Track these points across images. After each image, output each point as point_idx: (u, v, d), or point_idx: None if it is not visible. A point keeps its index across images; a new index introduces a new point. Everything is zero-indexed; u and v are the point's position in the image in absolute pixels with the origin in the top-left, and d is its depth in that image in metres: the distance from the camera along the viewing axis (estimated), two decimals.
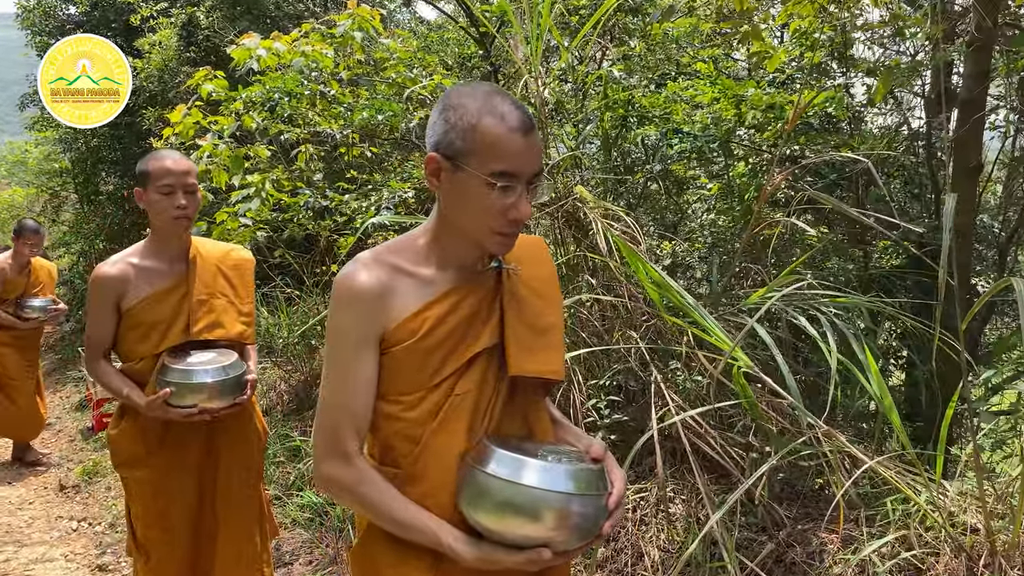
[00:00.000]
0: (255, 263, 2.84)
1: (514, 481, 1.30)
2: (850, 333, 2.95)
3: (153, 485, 2.58)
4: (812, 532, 2.95)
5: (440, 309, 1.42)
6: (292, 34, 5.23)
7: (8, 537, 4.46)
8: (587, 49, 3.96)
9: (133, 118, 10.51)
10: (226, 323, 2.60)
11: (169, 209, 2.46)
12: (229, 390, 2.49)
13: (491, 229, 1.37)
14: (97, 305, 2.53)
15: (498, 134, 1.32)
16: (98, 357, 2.57)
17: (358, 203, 4.00)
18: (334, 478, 1.41)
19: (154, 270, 2.55)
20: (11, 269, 5.45)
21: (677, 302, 2.51)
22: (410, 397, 1.42)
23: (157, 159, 2.48)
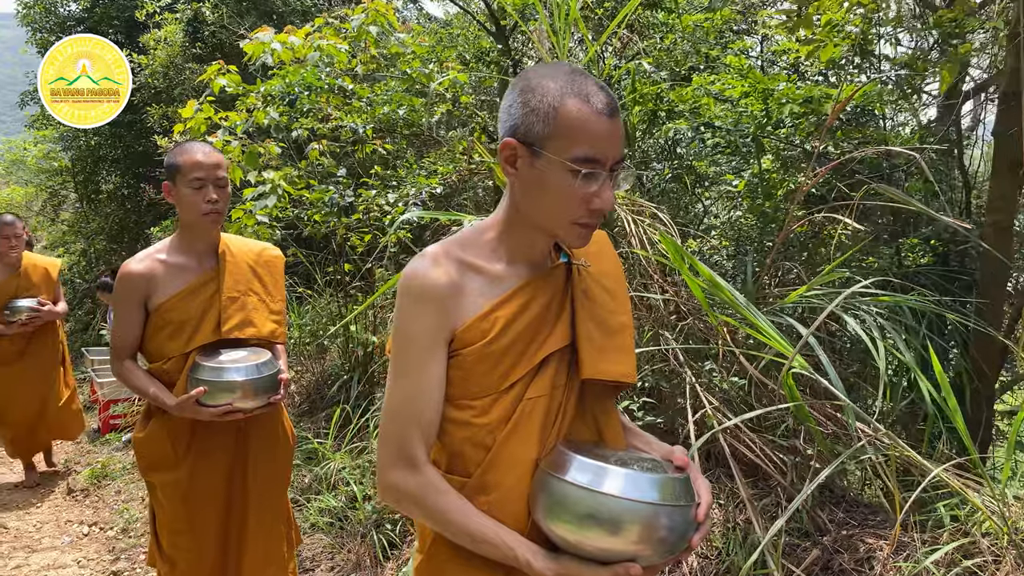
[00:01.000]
0: (284, 261, 2.74)
1: (597, 490, 1.21)
2: (898, 333, 2.87)
3: (182, 489, 2.48)
4: (859, 538, 2.86)
5: (511, 308, 1.34)
6: (305, 28, 5.13)
7: (18, 543, 4.35)
8: (614, 42, 3.86)
9: (135, 116, 10.41)
10: (257, 321, 2.52)
11: (199, 204, 2.37)
12: (263, 389, 2.40)
13: (570, 219, 1.29)
14: (124, 303, 2.43)
15: (582, 117, 1.23)
16: (124, 357, 2.48)
17: (384, 199, 3.90)
18: (401, 487, 1.32)
19: (183, 267, 2.47)
20: None
21: (731, 301, 2.42)
22: (481, 402, 1.34)
23: (187, 152, 2.39)
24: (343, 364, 5.47)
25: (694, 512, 1.27)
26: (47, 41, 11.04)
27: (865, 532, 2.89)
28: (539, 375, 1.35)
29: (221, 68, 5.01)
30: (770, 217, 3.87)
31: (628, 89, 3.87)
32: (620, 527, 1.20)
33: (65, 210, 14.19)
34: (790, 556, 2.85)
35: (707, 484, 1.36)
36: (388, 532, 3.69)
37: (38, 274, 5.03)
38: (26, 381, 5.04)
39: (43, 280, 5.04)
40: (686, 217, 4.72)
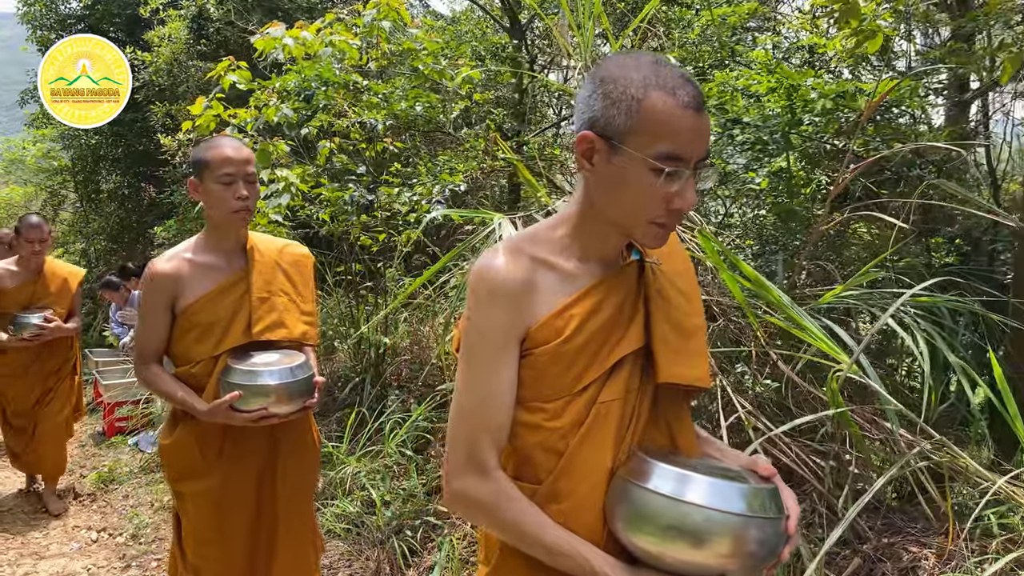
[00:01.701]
0: (313, 261, 2.64)
1: (682, 500, 1.15)
2: (940, 335, 2.78)
3: (213, 497, 2.39)
4: (901, 546, 2.77)
5: (585, 306, 1.28)
6: (316, 24, 5.03)
7: (25, 549, 4.25)
8: (636, 38, 3.77)
9: (137, 114, 10.29)
10: (289, 323, 2.42)
11: (229, 200, 2.28)
12: (298, 393, 2.30)
13: (648, 219, 1.22)
14: (150, 305, 2.34)
15: (668, 111, 1.16)
16: (150, 361, 2.37)
17: (407, 197, 3.80)
18: (471, 495, 1.25)
19: (211, 266, 2.37)
20: (9, 277, 4.47)
21: (777, 302, 2.33)
22: (553, 404, 1.27)
23: (215, 147, 2.30)
24: (354, 366, 5.37)
25: (784, 524, 1.20)
26: (47, 39, 10.93)
27: (907, 540, 2.80)
28: (612, 378, 1.29)
29: (231, 64, 4.91)
30: (799, 215, 3.78)
31: None
32: (707, 539, 1.14)
33: (65, 210, 14.08)
34: (830, 565, 2.77)
35: (793, 495, 1.29)
36: (408, 539, 3.60)
37: (56, 283, 4.61)
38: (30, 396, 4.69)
39: (60, 290, 4.62)
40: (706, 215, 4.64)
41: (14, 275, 4.50)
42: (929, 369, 2.55)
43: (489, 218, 2.82)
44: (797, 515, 1.25)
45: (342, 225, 4.38)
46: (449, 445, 1.28)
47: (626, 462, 1.26)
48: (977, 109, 5.83)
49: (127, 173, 11.85)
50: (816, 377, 3.18)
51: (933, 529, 2.76)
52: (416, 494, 3.87)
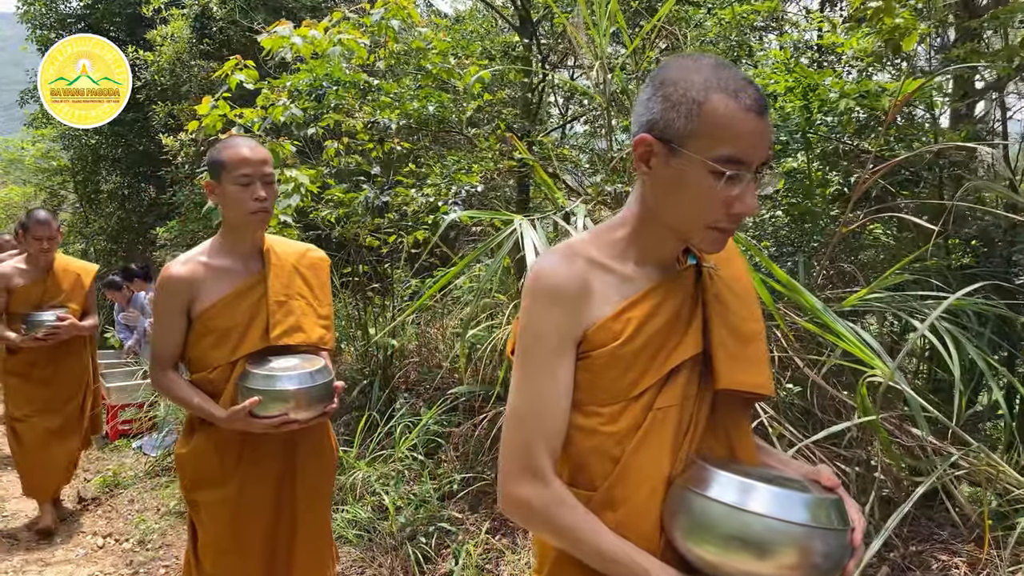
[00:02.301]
0: (329, 263, 2.58)
1: (745, 509, 1.11)
2: (968, 338, 2.73)
3: (230, 506, 2.33)
4: (929, 554, 2.72)
5: (643, 309, 1.25)
6: (323, 23, 4.97)
7: (30, 556, 4.18)
8: (653, 35, 3.71)
9: (138, 114, 10.23)
10: (306, 327, 2.36)
11: (246, 202, 2.22)
12: (318, 398, 2.24)
13: (707, 223, 1.19)
14: (165, 310, 2.28)
15: (730, 113, 1.13)
16: (166, 367, 2.32)
17: (424, 198, 3.74)
18: (526, 501, 1.22)
19: (227, 269, 2.31)
20: (19, 275, 4.25)
21: (810, 306, 2.28)
22: (609, 409, 1.24)
23: (232, 147, 2.24)
24: (362, 368, 5.31)
25: (849, 537, 1.16)
26: (47, 39, 10.88)
27: (935, 548, 2.75)
28: (669, 384, 1.26)
29: (238, 63, 4.85)
30: (816, 216, 3.73)
31: None
32: (770, 550, 1.10)
33: (64, 210, 14.01)
34: None
35: (857, 507, 1.25)
36: (422, 545, 3.54)
37: (68, 280, 4.37)
38: (39, 400, 4.39)
39: (73, 287, 4.37)
40: None
41: (23, 273, 4.28)
42: (959, 374, 2.50)
43: (509, 220, 2.77)
44: (863, 528, 1.21)
45: (354, 227, 4.32)
46: (504, 449, 1.26)
47: (685, 470, 1.24)
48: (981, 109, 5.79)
49: (127, 173, 11.80)
50: (839, 381, 3.14)
51: (962, 536, 2.71)
52: (429, 499, 3.81)
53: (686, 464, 1.24)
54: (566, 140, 6.68)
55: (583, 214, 3.03)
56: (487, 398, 3.98)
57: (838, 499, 1.19)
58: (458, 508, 3.80)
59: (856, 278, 3.49)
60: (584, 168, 4.32)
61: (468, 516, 3.75)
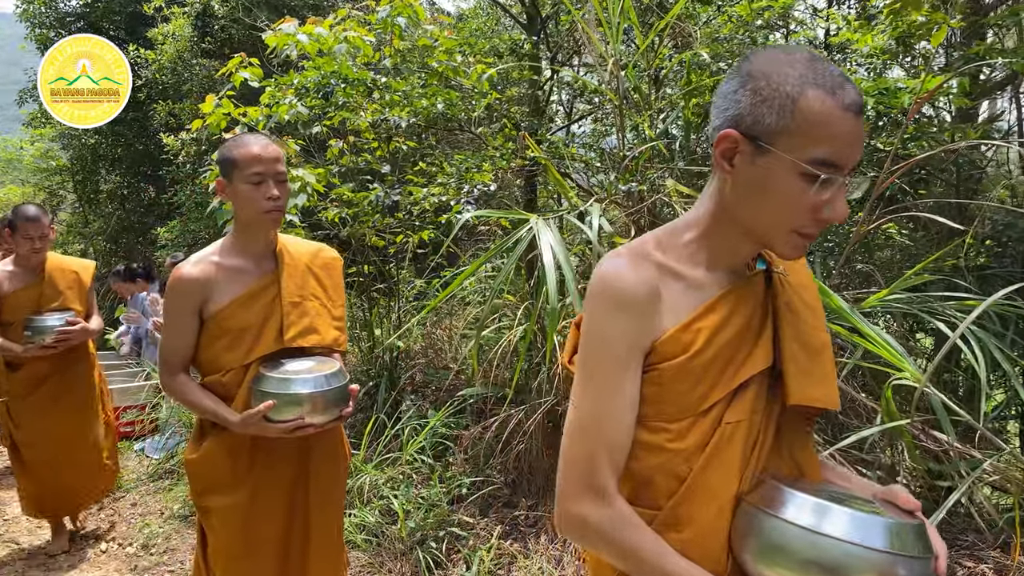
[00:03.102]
0: (342, 263, 2.54)
1: (823, 533, 1.04)
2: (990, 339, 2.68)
3: (243, 512, 2.28)
4: (954, 560, 2.67)
5: (714, 319, 1.19)
6: (328, 20, 4.91)
7: (32, 561, 4.12)
8: (665, 33, 3.66)
9: (138, 113, 10.16)
10: (321, 328, 2.32)
11: (259, 201, 2.17)
12: (333, 402, 2.19)
13: (792, 227, 1.12)
14: (176, 311, 2.23)
15: (827, 111, 1.05)
16: (177, 371, 2.26)
17: (436, 197, 3.68)
18: (588, 520, 1.15)
19: (240, 270, 2.26)
20: (8, 280, 3.82)
21: (838, 308, 2.22)
22: (677, 425, 1.18)
23: (243, 145, 2.19)
24: (367, 370, 5.25)
25: (933, 565, 1.09)
26: (46, 37, 10.81)
27: (960, 554, 2.70)
28: (738, 398, 1.19)
29: (243, 61, 4.79)
30: None
31: (683, 81, 3.68)
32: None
33: (63, 210, 13.93)
34: None
35: (936, 532, 1.17)
36: (432, 550, 3.48)
37: (66, 280, 3.97)
38: (51, 417, 3.98)
39: (72, 287, 3.98)
40: None
41: (13, 277, 3.85)
42: (986, 377, 2.45)
43: (523, 219, 2.71)
44: (946, 555, 1.14)
45: (363, 227, 4.26)
46: (564, 465, 1.19)
47: (755, 488, 1.17)
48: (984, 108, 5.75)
49: (127, 173, 11.74)
50: (858, 384, 3.08)
51: (988, 542, 2.66)
52: (438, 503, 3.76)
53: (755, 482, 1.19)
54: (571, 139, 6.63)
55: (598, 213, 2.98)
56: (499, 400, 3.92)
57: (920, 524, 1.11)
58: (468, 512, 3.75)
59: (872, 279, 3.44)
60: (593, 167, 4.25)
61: (479, 520, 3.70)
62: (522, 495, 3.87)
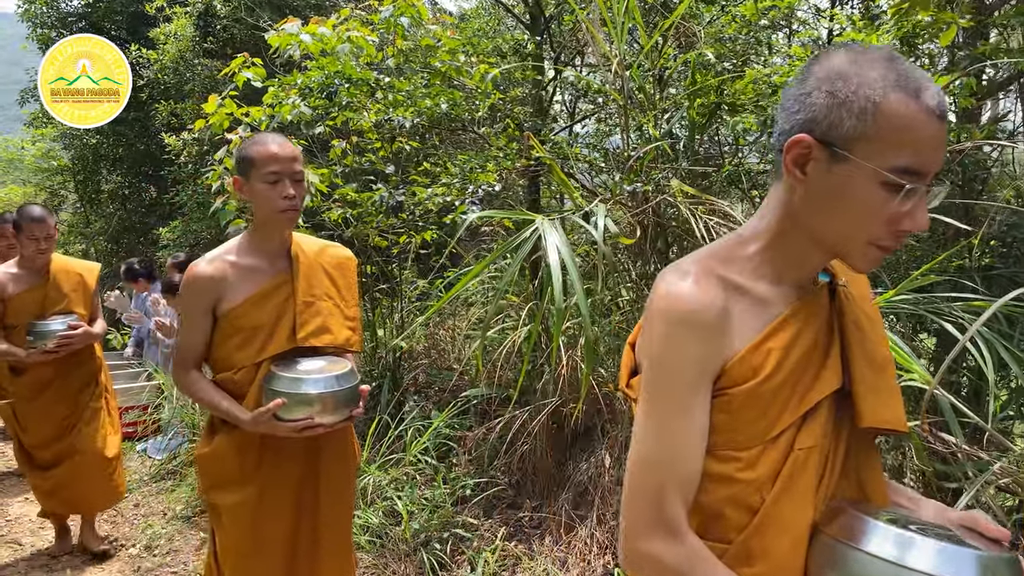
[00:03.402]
0: (356, 263, 2.55)
1: (909, 567, 0.99)
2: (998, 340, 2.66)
3: (250, 509, 2.29)
4: None
5: (783, 339, 1.11)
6: (332, 20, 4.90)
7: (35, 562, 4.11)
8: (670, 33, 3.65)
9: (139, 113, 10.16)
10: (333, 328, 2.33)
11: (275, 200, 2.19)
12: (343, 402, 2.20)
13: (870, 239, 1.06)
14: (191, 309, 2.26)
15: (911, 115, 0.99)
16: (190, 367, 2.30)
17: (440, 197, 3.68)
18: (659, 559, 1.08)
19: (254, 268, 2.28)
20: (12, 282, 3.72)
21: None
22: (747, 453, 1.11)
23: (260, 144, 2.20)
24: (370, 370, 5.24)
25: None
26: (48, 37, 10.81)
27: None
28: (808, 422, 1.13)
29: (246, 61, 4.78)
30: None
31: (688, 81, 3.67)
32: None
33: (64, 210, 13.92)
34: None
35: None
36: (436, 552, 3.47)
37: (71, 282, 3.87)
38: (56, 420, 3.90)
39: (77, 290, 3.88)
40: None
41: (17, 279, 3.75)
42: (994, 379, 2.43)
43: (528, 220, 2.70)
44: None
45: (367, 228, 4.26)
46: (630, 500, 1.11)
47: (832, 518, 1.11)
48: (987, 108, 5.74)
49: (128, 173, 11.73)
50: None
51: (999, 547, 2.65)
52: (442, 504, 3.75)
53: (831, 511, 1.12)
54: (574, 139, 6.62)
55: (603, 214, 2.97)
56: (503, 401, 3.91)
57: (1013, 558, 1.03)
58: (472, 514, 3.74)
59: (877, 279, 3.42)
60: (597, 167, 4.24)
61: (483, 522, 3.69)
62: (526, 496, 3.86)
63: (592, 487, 3.53)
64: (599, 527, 3.38)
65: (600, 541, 3.33)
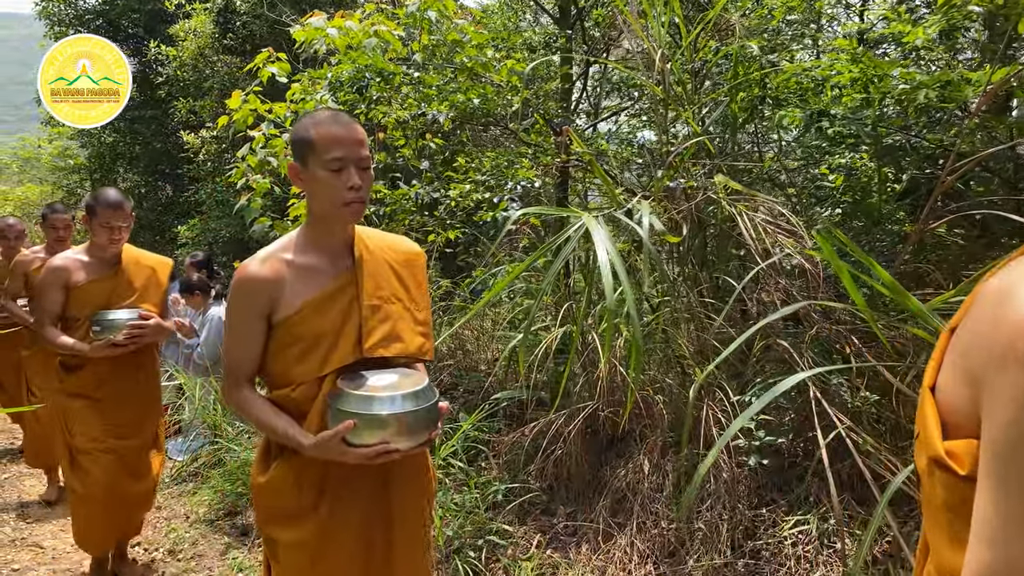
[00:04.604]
0: (425, 259, 2.26)
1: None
2: None
3: (310, 549, 1.99)
4: None
5: None
6: (357, 15, 4.82)
7: (57, 565, 4.03)
8: (710, 25, 3.54)
9: (157, 111, 10.12)
10: (404, 335, 2.01)
11: (339, 190, 1.86)
12: (422, 423, 1.87)
13: None
14: (242, 315, 1.95)
15: None
16: (241, 383, 1.99)
17: (478, 194, 3.57)
18: None
19: (314, 268, 1.97)
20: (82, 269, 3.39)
21: (915, 309, 2.09)
22: None
23: (322, 124, 1.87)
24: None
25: None
26: (65, 35, 10.78)
27: None
28: None
29: (270, 56, 4.70)
30: (877, 215, 3.55)
31: (729, 74, 3.55)
32: None
33: (81, 209, 13.90)
34: None
35: None
36: (471, 559, 3.36)
37: (142, 276, 3.53)
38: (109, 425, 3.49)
39: (148, 285, 3.54)
40: None
41: (87, 267, 3.40)
42: None
43: (575, 216, 2.59)
44: None
45: (399, 226, 4.15)
46: None
47: None
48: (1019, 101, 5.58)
49: (145, 172, 11.72)
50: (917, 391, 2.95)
51: None
52: (475, 510, 3.64)
53: None
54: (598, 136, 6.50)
55: (647, 211, 2.86)
56: (537, 404, 3.80)
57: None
58: (506, 520, 3.63)
59: (925, 279, 3.30)
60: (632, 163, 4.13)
61: (517, 529, 3.58)
62: (560, 502, 3.74)
63: (631, 493, 3.42)
64: (639, 535, 3.26)
65: (641, 550, 3.21)
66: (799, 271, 3.04)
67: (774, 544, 3.03)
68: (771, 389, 2.01)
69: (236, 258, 7.08)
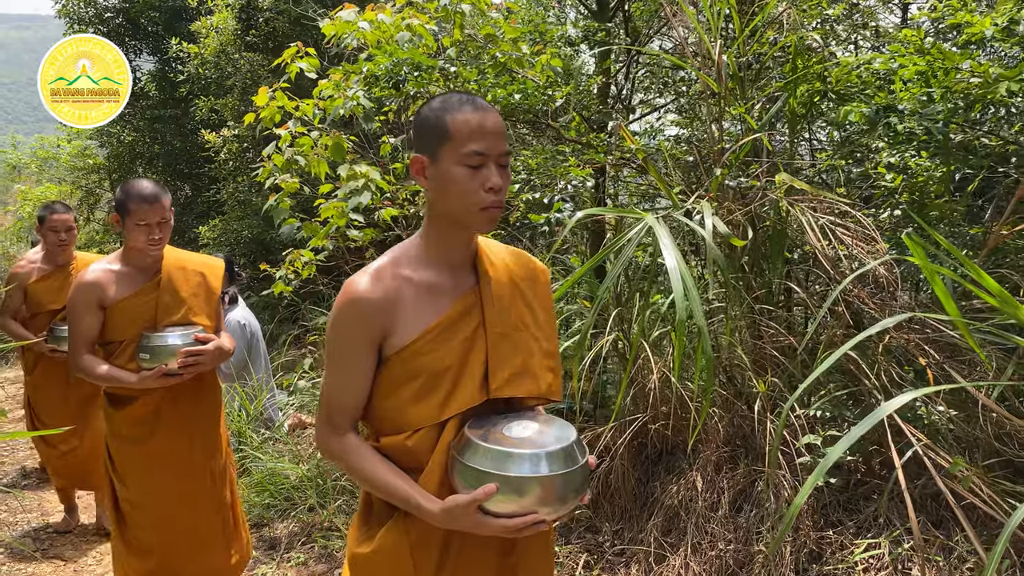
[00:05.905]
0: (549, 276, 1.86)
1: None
2: None
3: None
4: None
5: None
6: (388, 8, 4.65)
7: None
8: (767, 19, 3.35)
9: (177, 110, 10.01)
10: (536, 371, 1.64)
11: (476, 192, 1.50)
12: (573, 487, 1.47)
13: None
14: (351, 344, 1.58)
15: None
16: (345, 429, 1.61)
17: (527, 194, 3.39)
18: None
19: (435, 287, 1.60)
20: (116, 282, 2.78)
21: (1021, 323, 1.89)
22: None
23: (459, 109, 1.52)
24: None
25: None
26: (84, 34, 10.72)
27: None
28: None
29: (299, 51, 4.54)
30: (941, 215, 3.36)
31: (787, 67, 3.35)
32: None
33: (100, 209, 13.88)
34: None
35: None
36: None
37: (190, 285, 2.90)
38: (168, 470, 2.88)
39: (198, 294, 2.91)
40: None
41: (123, 279, 2.79)
42: None
43: (641, 217, 2.41)
44: None
45: None
46: None
47: None
48: None
49: (164, 171, 11.64)
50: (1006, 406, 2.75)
51: None
52: None
53: None
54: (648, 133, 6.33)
55: (710, 212, 2.67)
56: (589, 415, 3.62)
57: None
58: None
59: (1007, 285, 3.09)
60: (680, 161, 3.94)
61: (562, 547, 3.40)
62: (605, 519, 3.56)
63: (684, 512, 3.23)
64: (694, 556, 3.07)
65: (696, 572, 3.02)
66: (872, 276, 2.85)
67: (843, 570, 2.84)
68: (872, 413, 1.81)
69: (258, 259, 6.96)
